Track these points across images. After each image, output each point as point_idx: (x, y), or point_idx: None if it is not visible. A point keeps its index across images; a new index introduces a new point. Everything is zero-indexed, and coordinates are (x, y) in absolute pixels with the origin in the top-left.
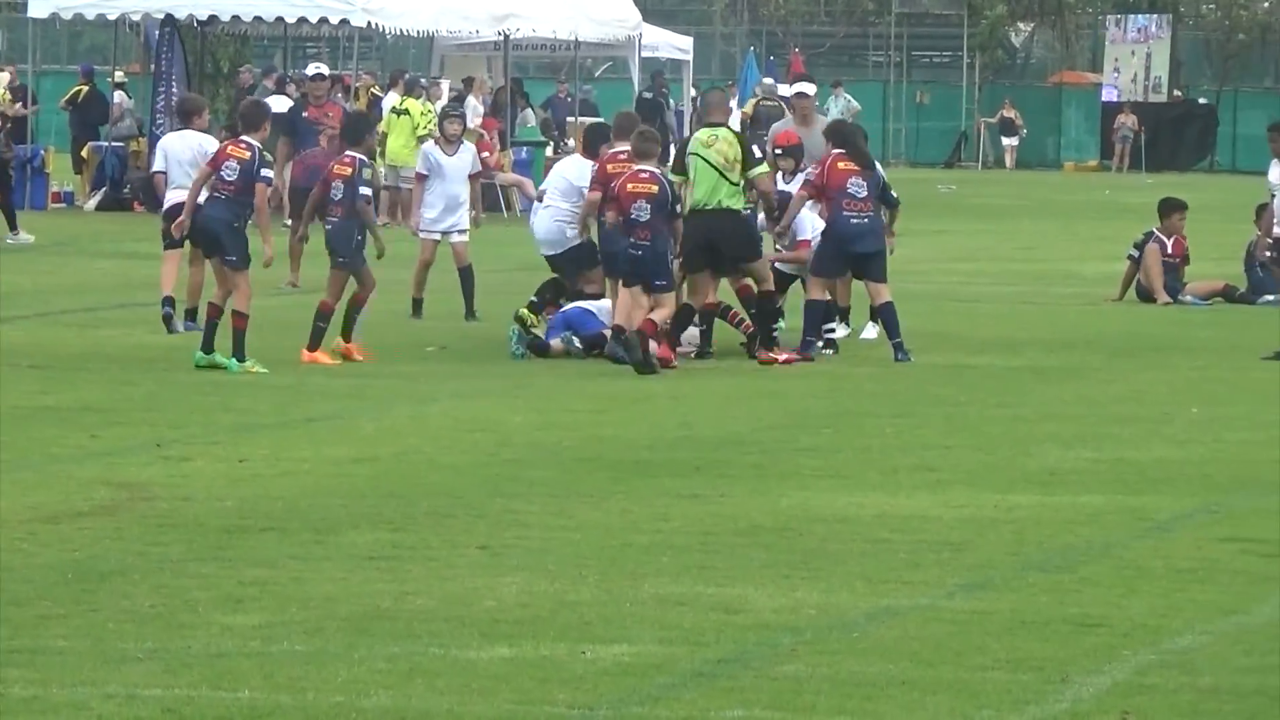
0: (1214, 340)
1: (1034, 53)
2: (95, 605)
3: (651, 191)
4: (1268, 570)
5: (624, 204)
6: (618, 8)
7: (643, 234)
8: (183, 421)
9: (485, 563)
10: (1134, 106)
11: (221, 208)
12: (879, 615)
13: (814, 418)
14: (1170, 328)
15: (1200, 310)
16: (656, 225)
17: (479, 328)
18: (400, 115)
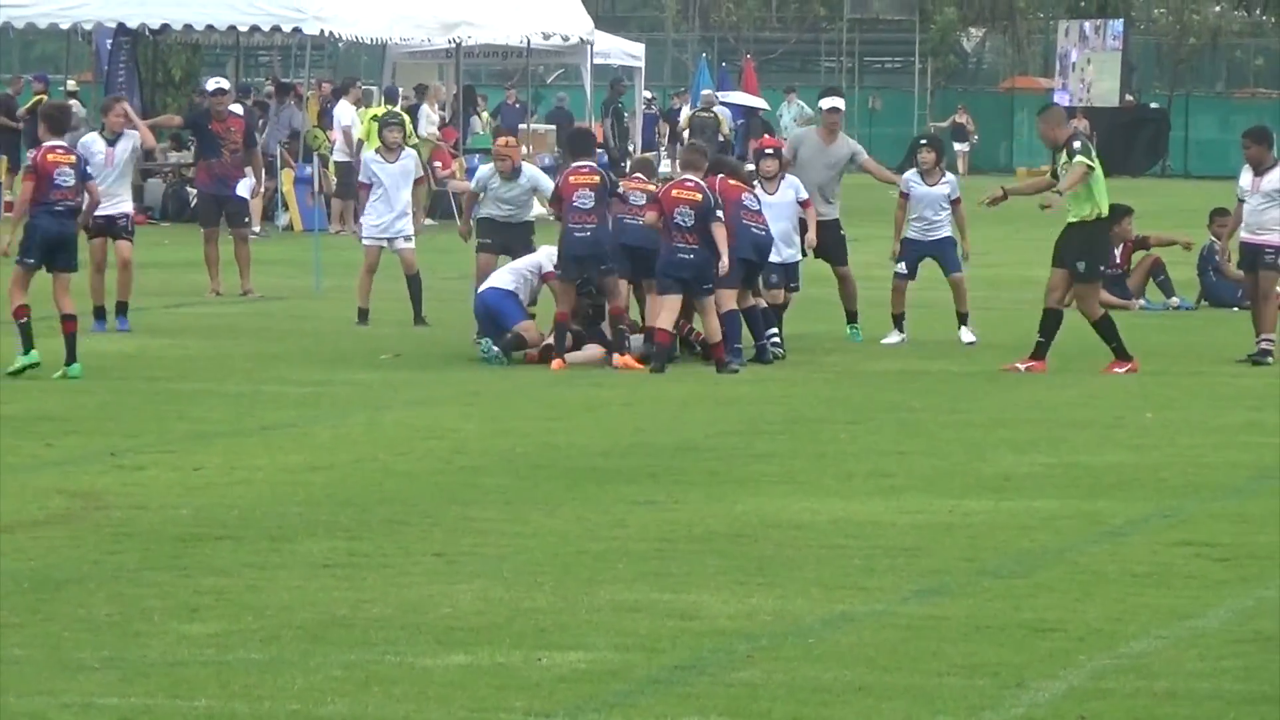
0: (1167, 345)
1: (985, 58)
2: (51, 614)
3: (695, 199)
4: (1221, 574)
5: (668, 208)
6: (570, 15)
7: (690, 239)
8: (137, 430)
9: (441, 570)
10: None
11: (68, 218)
12: (835, 621)
13: (769, 424)
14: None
15: (1154, 314)
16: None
17: (432, 335)
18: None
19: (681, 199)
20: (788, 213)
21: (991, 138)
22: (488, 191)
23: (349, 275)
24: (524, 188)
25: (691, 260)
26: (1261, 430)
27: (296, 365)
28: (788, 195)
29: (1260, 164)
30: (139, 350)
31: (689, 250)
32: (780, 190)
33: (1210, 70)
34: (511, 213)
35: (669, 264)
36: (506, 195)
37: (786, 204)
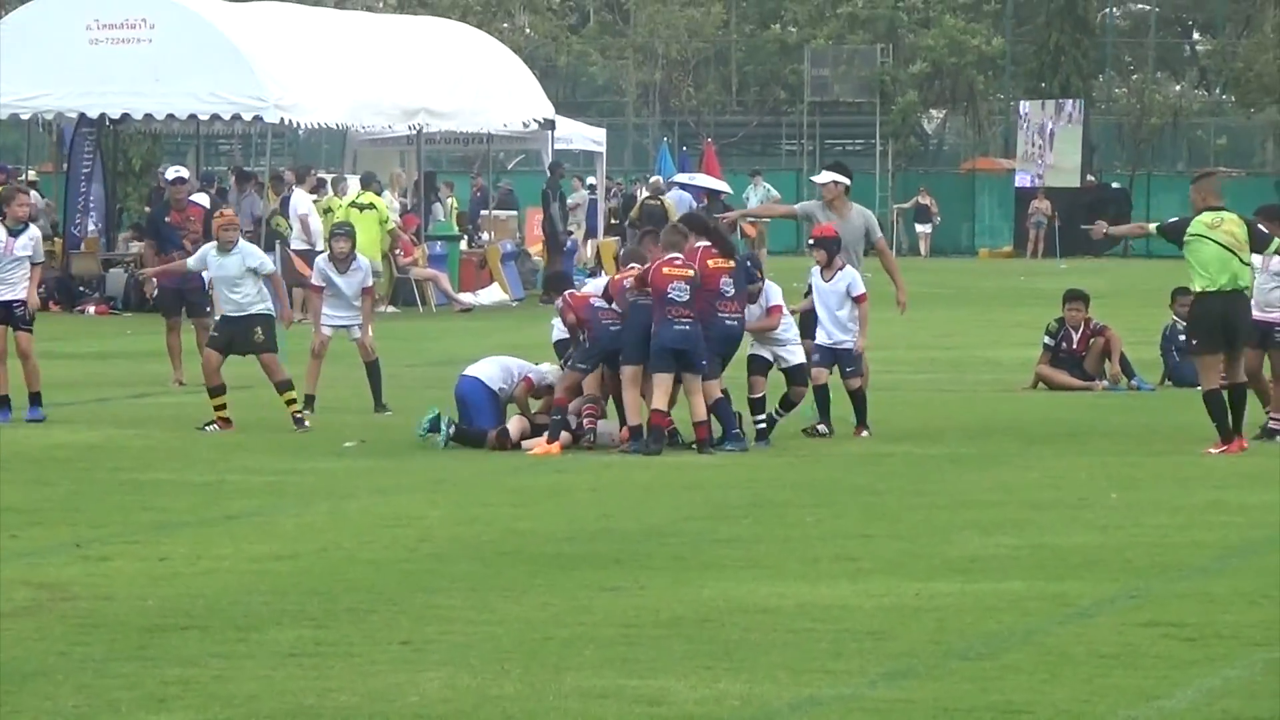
0: (1130, 426)
1: (946, 139)
2: (17, 707)
3: (688, 274)
4: (1188, 655)
5: (661, 285)
6: (530, 101)
7: (686, 312)
8: (102, 521)
9: (408, 658)
10: (1047, 192)
11: None
12: (802, 705)
13: (733, 508)
14: (1086, 413)
15: (1117, 395)
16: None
17: (395, 421)
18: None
19: (675, 275)
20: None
21: (953, 219)
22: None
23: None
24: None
25: (688, 332)
26: (1225, 510)
27: (260, 454)
28: (841, 285)
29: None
30: (103, 440)
31: (685, 321)
32: (836, 278)
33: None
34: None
35: (665, 338)
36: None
37: (838, 292)
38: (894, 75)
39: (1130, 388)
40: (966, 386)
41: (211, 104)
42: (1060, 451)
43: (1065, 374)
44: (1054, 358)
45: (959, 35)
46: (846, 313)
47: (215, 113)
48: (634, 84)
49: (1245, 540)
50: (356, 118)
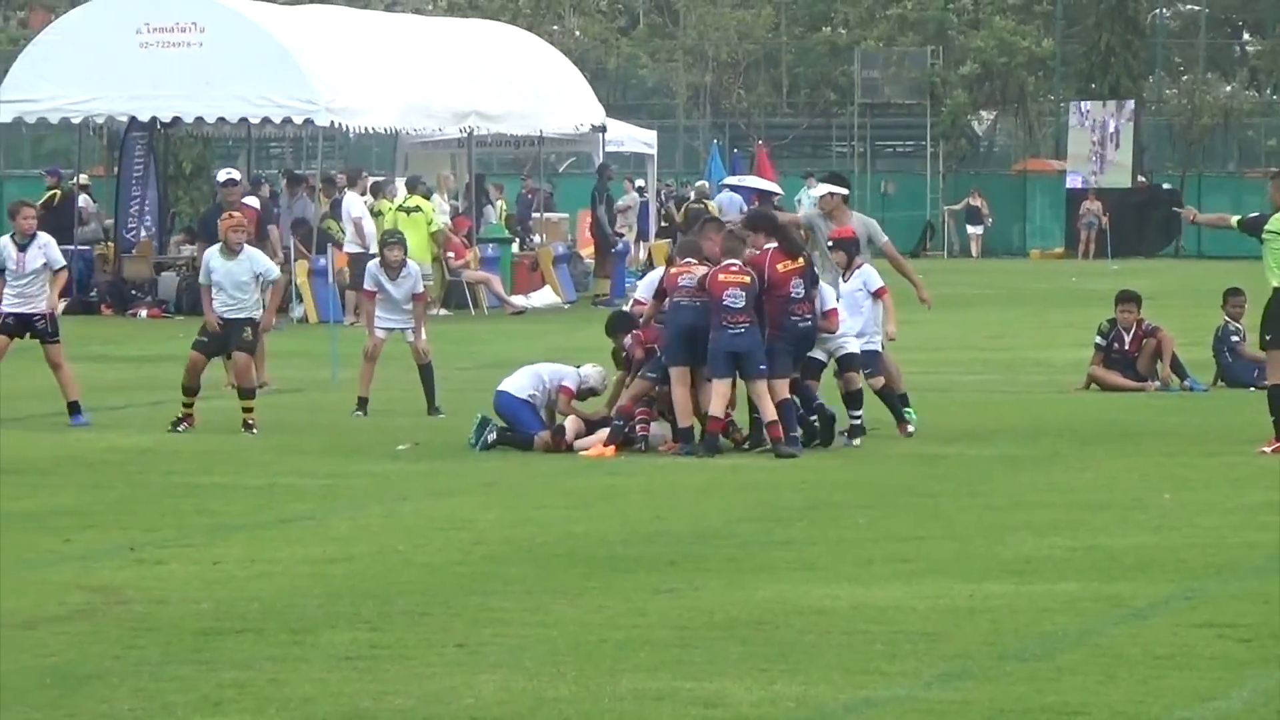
0: (1183, 426)
1: (997, 141)
2: (74, 710)
3: (745, 281)
4: (1244, 655)
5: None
6: (580, 104)
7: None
8: (156, 524)
9: (463, 661)
10: (1098, 193)
11: None
12: (857, 707)
13: (787, 510)
14: (1139, 414)
15: (1170, 396)
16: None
17: (448, 425)
18: (411, 213)
19: (730, 282)
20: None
21: (1004, 220)
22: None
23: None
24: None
25: (743, 336)
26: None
27: (314, 457)
28: (858, 283)
29: None
30: (157, 444)
31: (741, 327)
32: (852, 278)
33: (1222, 150)
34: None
35: (721, 344)
36: None
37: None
38: (944, 77)
39: (1183, 389)
40: (1019, 388)
41: (262, 107)
42: (1113, 452)
43: (1118, 375)
44: (1106, 359)
45: (1009, 36)
46: (869, 311)
47: (266, 116)
48: (684, 86)
49: None
50: (407, 121)
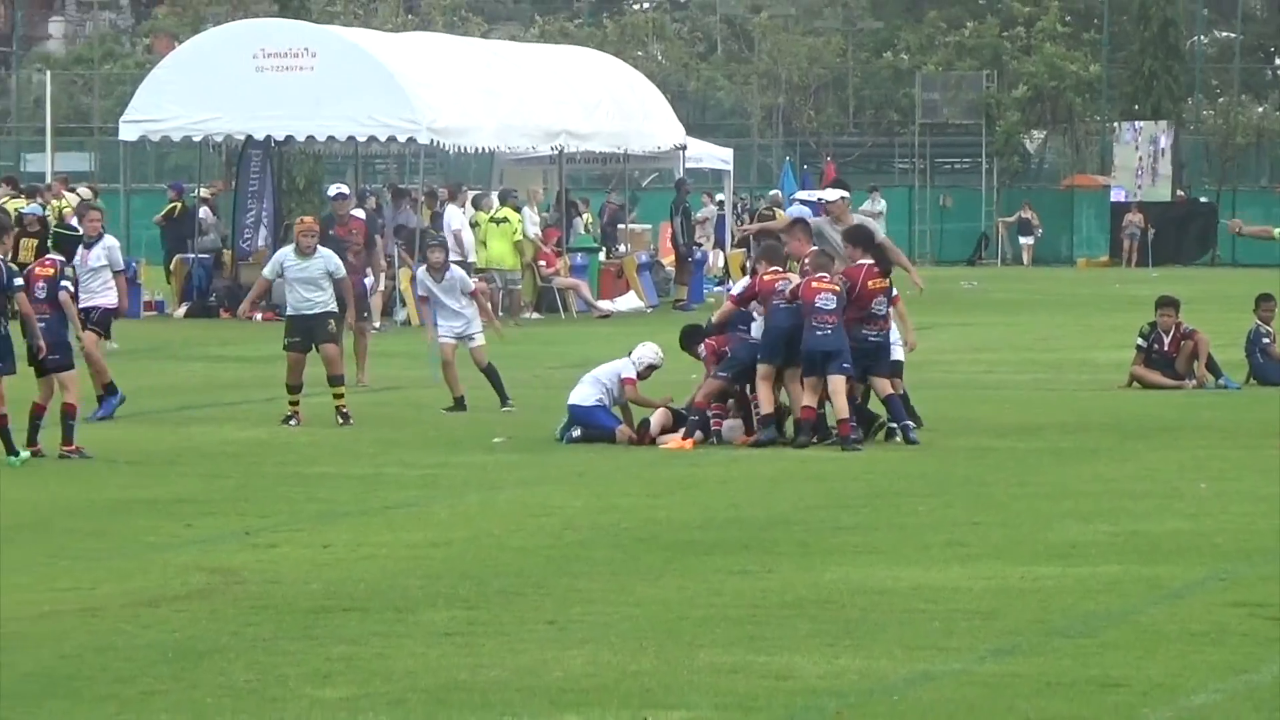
0: (1218, 421)
1: (1047, 158)
2: (194, 682)
3: (835, 289)
4: (1273, 633)
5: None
6: (663, 124)
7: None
8: (270, 511)
9: (553, 637)
10: (1140, 206)
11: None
12: (916, 680)
13: (852, 498)
14: (1177, 410)
15: (1206, 393)
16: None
17: (539, 419)
18: (500, 223)
19: (823, 288)
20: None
21: (1053, 231)
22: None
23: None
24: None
25: (831, 336)
26: None
27: (415, 449)
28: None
29: None
30: (270, 437)
31: (828, 326)
32: None
33: (1256, 167)
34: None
35: (811, 344)
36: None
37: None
38: (998, 99)
39: (1218, 386)
40: (1066, 385)
41: (369, 127)
42: (1153, 445)
43: (1158, 374)
44: (1147, 359)
45: (1059, 61)
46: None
47: (372, 135)
48: (759, 107)
49: None
50: (502, 139)
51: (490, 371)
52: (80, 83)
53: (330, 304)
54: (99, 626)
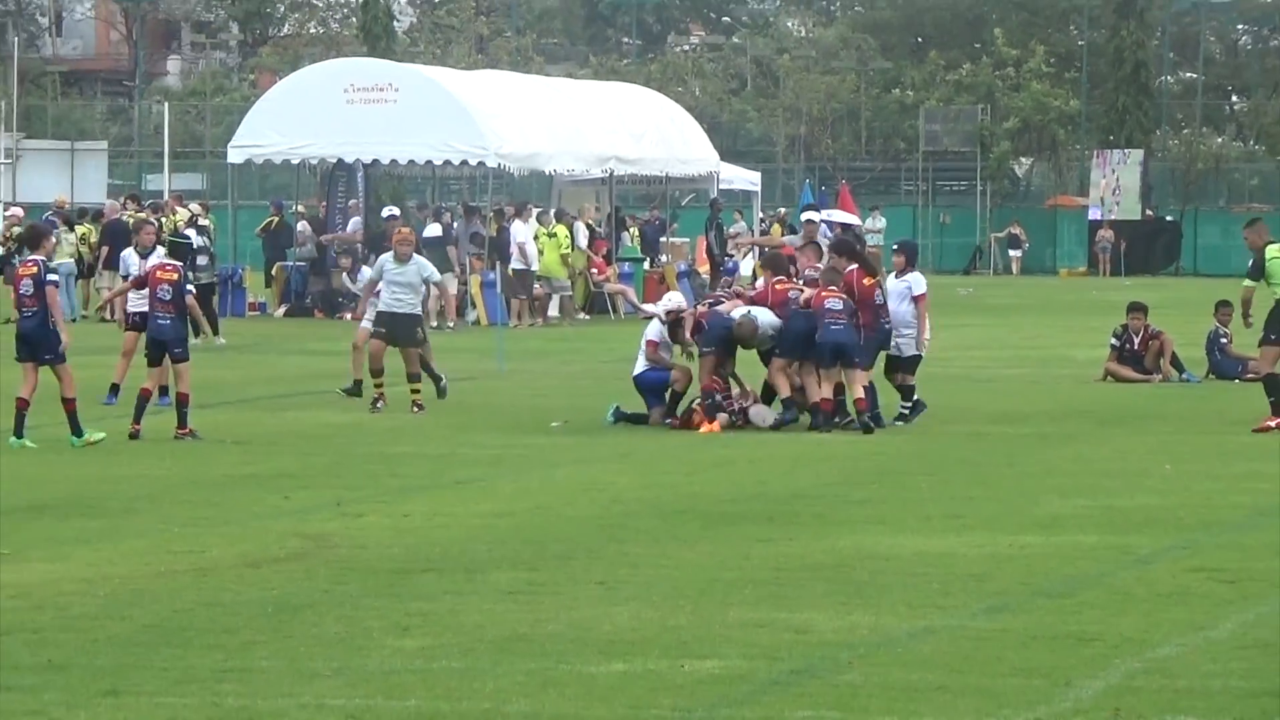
0: (1182, 411)
1: (1033, 181)
2: (290, 633)
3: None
4: (1228, 594)
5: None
6: (700, 150)
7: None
8: (357, 485)
9: (602, 595)
10: (1112, 223)
11: (33, 322)
12: (918, 634)
13: (863, 476)
14: (1145, 401)
15: (1171, 386)
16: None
17: (590, 406)
18: (550, 237)
19: (831, 295)
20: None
21: (1038, 245)
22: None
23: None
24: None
25: (843, 331)
26: (1260, 478)
27: (484, 432)
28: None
29: None
30: (357, 421)
31: (840, 323)
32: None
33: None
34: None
35: (826, 338)
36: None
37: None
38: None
39: (1181, 381)
40: (1049, 379)
41: (443, 152)
42: (1125, 431)
43: (1129, 369)
44: (1119, 356)
45: (1044, 98)
46: (907, 310)
47: (447, 159)
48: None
49: (1274, 503)
50: (560, 163)
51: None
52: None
53: (417, 307)
54: (208, 585)
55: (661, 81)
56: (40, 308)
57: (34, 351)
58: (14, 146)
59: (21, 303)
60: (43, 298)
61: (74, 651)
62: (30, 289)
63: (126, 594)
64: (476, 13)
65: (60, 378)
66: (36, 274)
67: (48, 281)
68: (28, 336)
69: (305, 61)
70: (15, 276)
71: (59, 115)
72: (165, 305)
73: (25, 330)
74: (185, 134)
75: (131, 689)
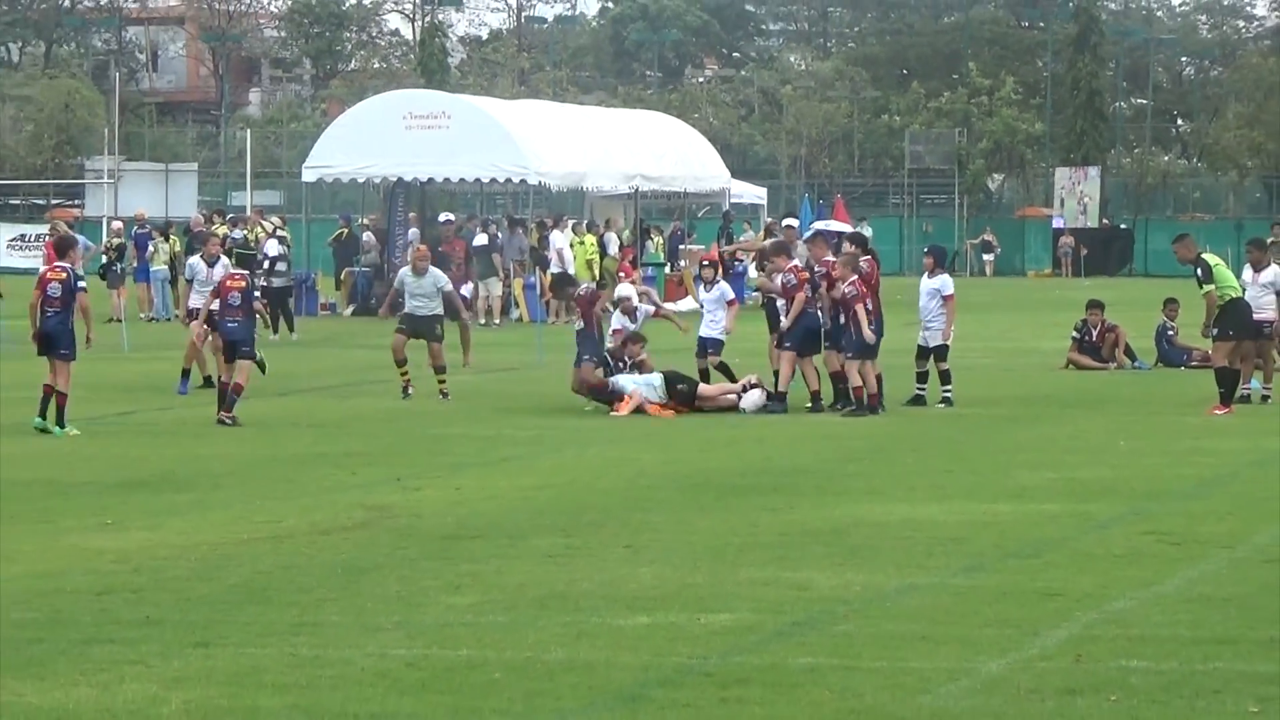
0: (1135, 395)
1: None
2: (357, 592)
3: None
4: (1176, 554)
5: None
6: (714, 169)
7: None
8: (415, 462)
9: (629, 558)
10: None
11: (54, 320)
12: (905, 590)
13: (857, 453)
14: (1102, 386)
15: (1124, 373)
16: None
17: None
18: (580, 244)
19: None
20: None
21: (1009, 250)
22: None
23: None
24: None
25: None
26: (1203, 454)
27: (526, 415)
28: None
29: (1259, 264)
30: (413, 406)
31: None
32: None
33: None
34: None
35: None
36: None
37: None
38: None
39: (1133, 368)
40: (1019, 367)
41: (490, 171)
42: (1085, 413)
43: (1088, 358)
44: (1080, 347)
45: (1013, 122)
46: (936, 306)
47: (493, 177)
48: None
49: (1216, 474)
50: (591, 180)
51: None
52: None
53: (437, 309)
54: (285, 550)
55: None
56: (62, 309)
57: (50, 346)
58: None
59: (50, 303)
60: (66, 300)
61: (168, 609)
62: (58, 291)
63: (214, 558)
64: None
65: (59, 373)
66: (66, 280)
67: (78, 289)
68: (48, 334)
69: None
70: (42, 279)
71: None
72: (234, 310)
73: (47, 328)
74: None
75: (219, 641)
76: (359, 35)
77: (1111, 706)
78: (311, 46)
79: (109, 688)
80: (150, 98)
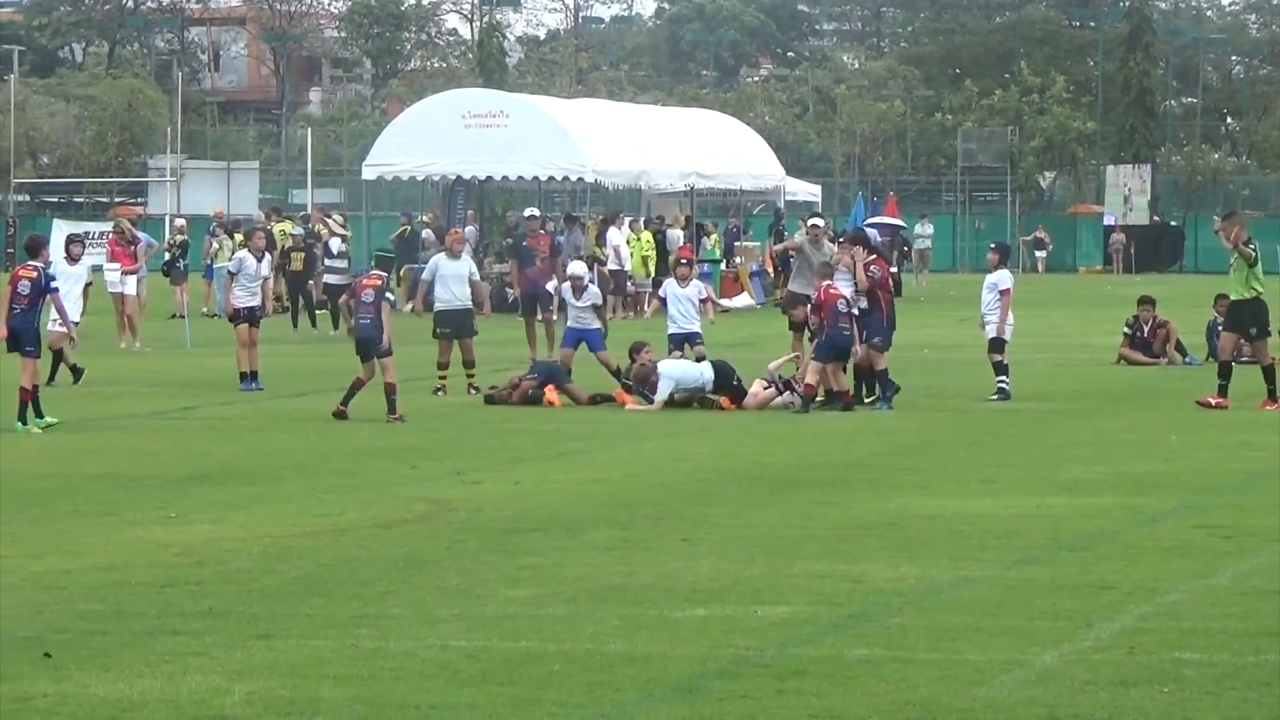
0: (1184, 389)
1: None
2: (418, 584)
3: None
4: (1227, 548)
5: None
6: (768, 166)
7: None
8: (475, 456)
9: (686, 551)
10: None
11: (19, 318)
12: (959, 582)
13: (910, 447)
14: (1154, 381)
15: (1175, 369)
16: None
17: None
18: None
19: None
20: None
21: (1061, 247)
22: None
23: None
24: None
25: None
26: (1254, 448)
27: (584, 411)
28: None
29: None
30: (472, 402)
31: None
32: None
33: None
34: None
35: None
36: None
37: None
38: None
39: (1184, 363)
40: (1070, 362)
41: (548, 169)
42: (1136, 407)
43: (1139, 354)
44: (1131, 342)
45: (1065, 120)
46: (995, 300)
47: (551, 175)
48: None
49: (1267, 468)
50: (648, 178)
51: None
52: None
53: (468, 301)
54: (346, 543)
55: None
56: (29, 308)
57: (18, 343)
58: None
59: (17, 300)
60: (34, 299)
61: (231, 601)
62: (27, 289)
63: (276, 551)
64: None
65: (25, 367)
66: (36, 279)
67: (51, 289)
68: (14, 330)
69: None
70: (14, 277)
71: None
72: (367, 308)
73: (13, 325)
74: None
75: (281, 633)
76: (418, 35)
77: (1164, 698)
78: (371, 46)
79: (173, 679)
80: (212, 97)
